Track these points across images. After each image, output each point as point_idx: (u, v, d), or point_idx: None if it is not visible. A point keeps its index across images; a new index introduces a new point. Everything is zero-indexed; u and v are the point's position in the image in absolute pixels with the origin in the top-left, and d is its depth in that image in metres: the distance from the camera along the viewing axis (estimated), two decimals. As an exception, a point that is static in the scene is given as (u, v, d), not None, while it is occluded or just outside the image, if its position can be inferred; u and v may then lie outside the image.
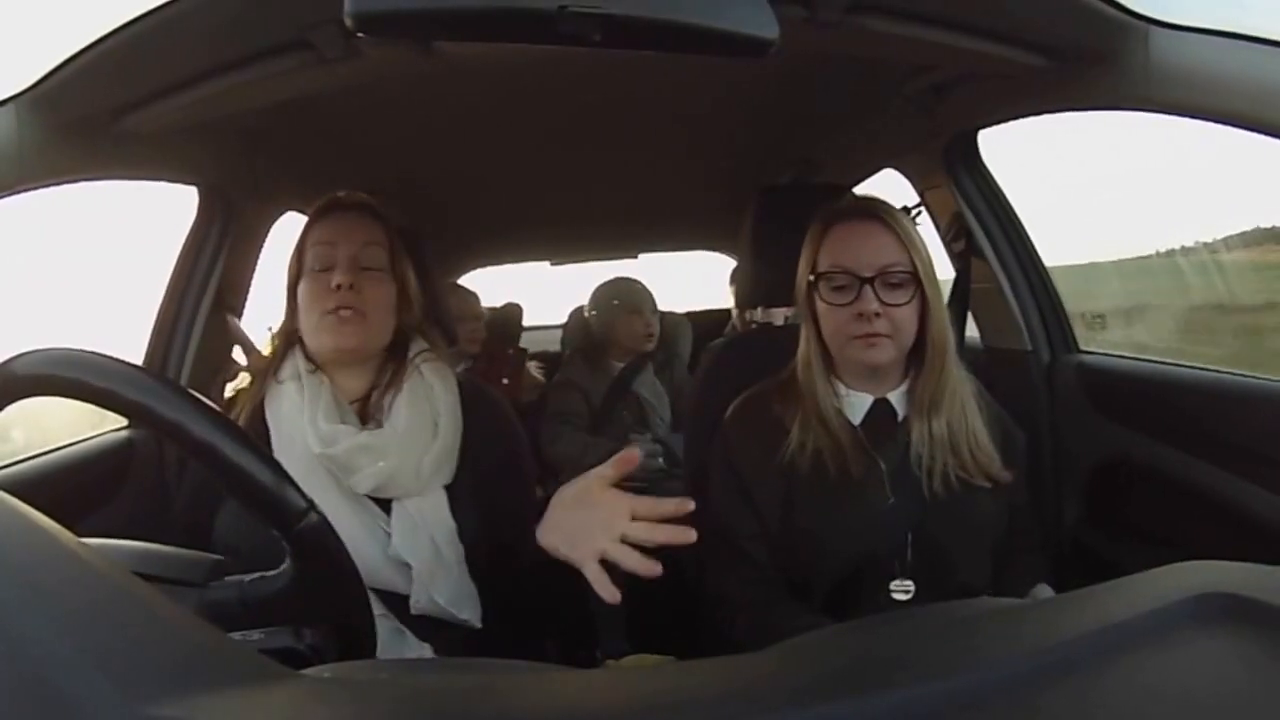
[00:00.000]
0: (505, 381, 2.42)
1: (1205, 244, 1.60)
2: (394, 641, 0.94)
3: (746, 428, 1.09)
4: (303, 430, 0.96)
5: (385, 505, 0.98)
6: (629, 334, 2.34)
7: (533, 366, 2.60)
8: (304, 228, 1.06)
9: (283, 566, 0.64)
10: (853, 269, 1.00)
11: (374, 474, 0.96)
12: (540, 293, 3.36)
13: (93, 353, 0.59)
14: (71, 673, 0.30)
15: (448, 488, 1.02)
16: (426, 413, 1.02)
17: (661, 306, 2.52)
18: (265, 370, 1.04)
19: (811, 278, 1.05)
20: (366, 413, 1.03)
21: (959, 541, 1.02)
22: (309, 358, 1.03)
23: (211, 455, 0.58)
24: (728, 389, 1.17)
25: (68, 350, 0.58)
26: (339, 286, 0.98)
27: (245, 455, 0.59)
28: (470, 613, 0.99)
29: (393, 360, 1.06)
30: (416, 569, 0.95)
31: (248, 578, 0.64)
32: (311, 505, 0.62)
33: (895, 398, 1.06)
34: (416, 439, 1.00)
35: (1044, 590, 1.03)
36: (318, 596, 0.64)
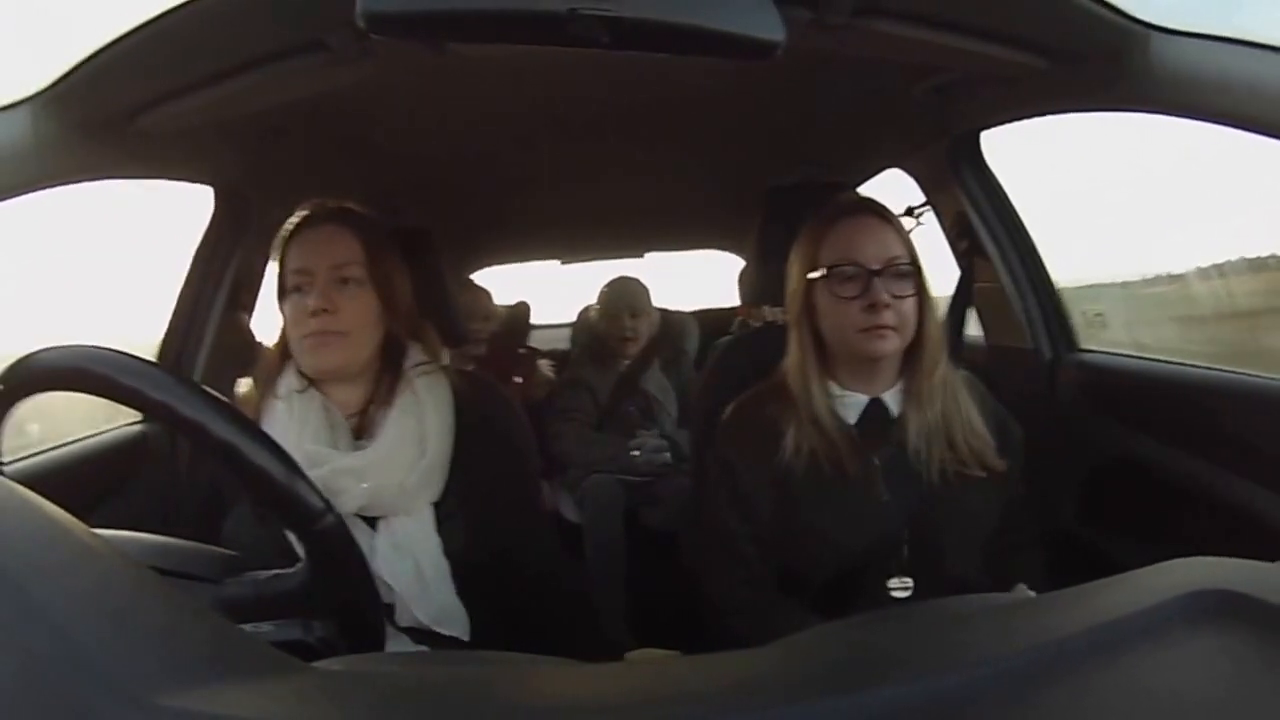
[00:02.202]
0: (518, 381, 2.42)
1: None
2: (391, 646, 0.95)
3: (742, 432, 1.10)
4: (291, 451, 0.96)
5: (373, 521, 0.99)
6: (611, 336, 2.36)
7: (545, 364, 2.60)
8: (279, 247, 1.04)
9: (298, 565, 0.65)
10: (861, 261, 1.01)
11: (357, 495, 0.95)
12: (552, 290, 3.35)
13: (116, 350, 0.59)
14: (84, 663, 0.31)
15: (436, 504, 1.02)
16: (414, 431, 1.01)
17: (671, 305, 2.53)
18: (265, 384, 1.03)
19: (813, 275, 1.05)
20: (363, 427, 1.03)
21: (955, 536, 1.03)
22: (302, 373, 1.02)
23: (231, 455, 0.59)
24: (733, 386, 1.17)
25: (90, 347, 0.59)
26: (313, 313, 0.97)
27: (264, 456, 0.60)
28: (457, 629, 0.99)
29: (388, 373, 1.04)
30: (399, 592, 0.96)
31: (263, 575, 0.65)
32: (328, 506, 0.63)
33: (889, 397, 1.06)
34: (401, 459, 0.99)
35: (1022, 592, 1.03)
36: (332, 594, 0.65)
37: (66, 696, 0.30)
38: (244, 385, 1.04)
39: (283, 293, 1.02)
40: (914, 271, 1.02)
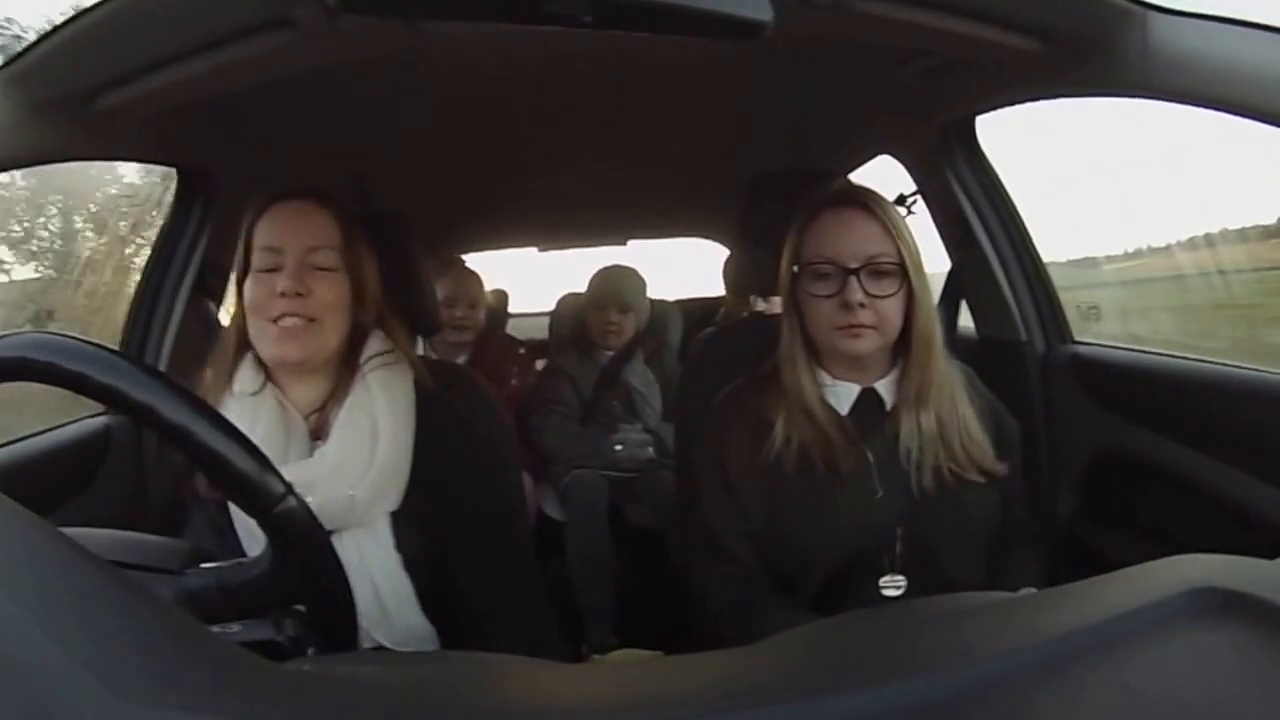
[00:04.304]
0: (514, 383, 2.38)
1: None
2: None
3: (731, 424, 1.08)
4: None
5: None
6: (596, 328, 2.34)
7: (542, 364, 2.57)
8: (249, 222, 0.98)
9: (260, 552, 0.63)
10: (837, 259, 0.99)
11: None
12: (525, 279, 3.33)
13: (65, 335, 0.57)
14: (48, 665, 0.30)
15: (395, 514, 0.96)
16: (364, 434, 0.94)
17: (655, 294, 2.50)
18: (219, 376, 0.97)
19: (796, 269, 1.03)
20: (320, 426, 0.97)
21: (950, 535, 1.01)
22: (260, 365, 0.96)
23: (185, 439, 0.57)
24: (718, 378, 1.16)
25: (38, 334, 0.57)
26: (284, 294, 0.91)
27: (219, 438, 0.58)
28: (425, 647, 0.96)
29: (346, 366, 0.98)
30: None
31: (225, 564, 0.63)
32: (289, 489, 0.61)
33: (883, 387, 1.04)
34: (349, 467, 0.92)
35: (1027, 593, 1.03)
36: (298, 583, 0.63)
37: (25, 698, 0.29)
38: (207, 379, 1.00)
39: (246, 271, 0.96)
40: (898, 268, 0.99)
